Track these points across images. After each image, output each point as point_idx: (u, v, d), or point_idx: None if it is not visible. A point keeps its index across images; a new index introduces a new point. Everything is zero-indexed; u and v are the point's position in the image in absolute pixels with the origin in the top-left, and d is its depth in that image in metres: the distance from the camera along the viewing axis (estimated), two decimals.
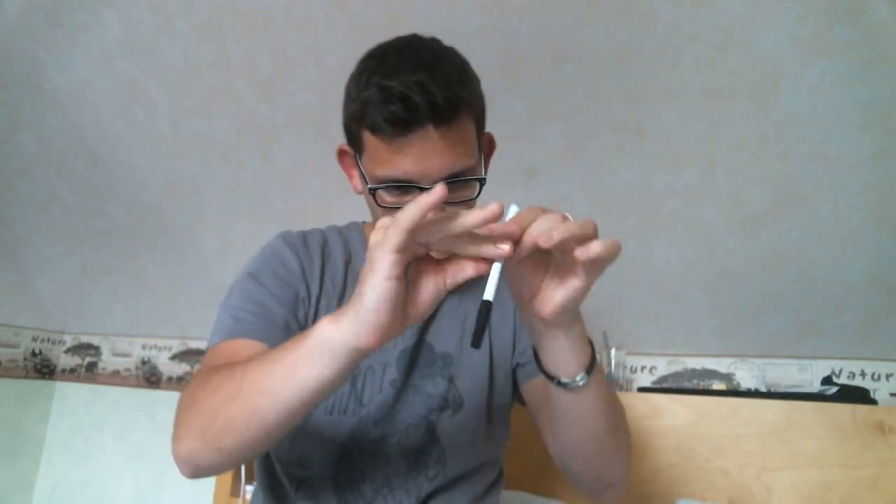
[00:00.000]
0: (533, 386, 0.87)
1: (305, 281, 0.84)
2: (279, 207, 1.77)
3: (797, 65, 1.14)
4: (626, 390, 1.53)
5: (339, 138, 0.82)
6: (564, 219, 0.56)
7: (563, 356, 0.65)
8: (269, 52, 1.45)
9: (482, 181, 0.77)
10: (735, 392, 1.44)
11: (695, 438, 1.26)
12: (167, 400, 2.26)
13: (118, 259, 2.15)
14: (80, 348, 2.52)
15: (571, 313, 0.62)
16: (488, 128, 0.82)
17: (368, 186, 0.76)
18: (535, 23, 1.23)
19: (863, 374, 1.45)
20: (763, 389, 1.51)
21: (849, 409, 1.17)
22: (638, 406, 1.30)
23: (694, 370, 1.60)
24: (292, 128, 1.57)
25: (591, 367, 0.66)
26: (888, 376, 1.43)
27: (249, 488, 1.39)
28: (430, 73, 0.71)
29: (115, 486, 2.28)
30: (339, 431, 0.81)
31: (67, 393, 2.49)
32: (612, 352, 1.49)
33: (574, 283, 0.58)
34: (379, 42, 0.79)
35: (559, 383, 0.67)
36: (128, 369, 2.38)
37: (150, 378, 2.32)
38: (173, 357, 2.30)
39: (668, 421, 1.28)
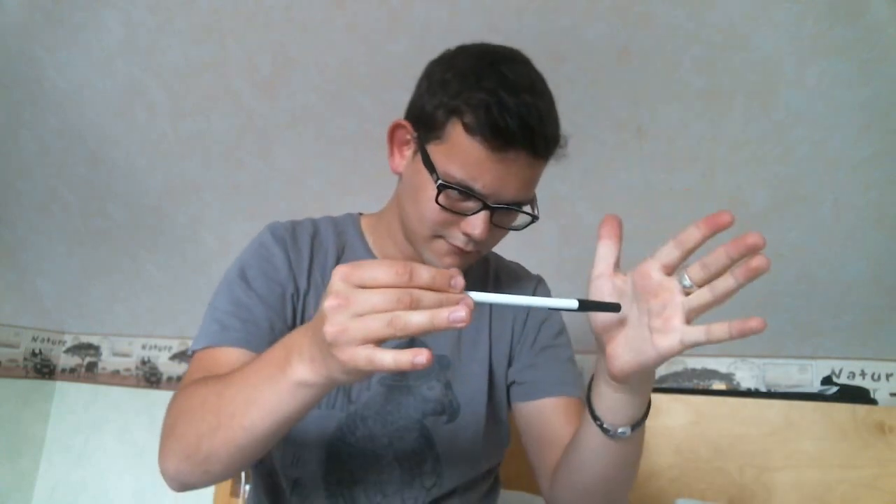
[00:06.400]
0: (529, 410, 0.86)
1: (293, 276, 0.81)
2: (279, 207, 1.77)
3: (797, 65, 1.13)
4: None
5: (339, 138, 0.82)
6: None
7: (618, 407, 0.64)
8: (269, 52, 1.44)
9: (535, 218, 0.78)
10: (735, 392, 1.44)
11: (695, 438, 1.25)
12: (167, 400, 2.26)
13: (118, 259, 2.15)
14: (80, 348, 2.52)
15: (642, 377, 0.60)
16: None
17: (439, 182, 0.73)
18: (535, 23, 1.23)
19: (863, 374, 1.45)
20: (763, 389, 1.51)
21: (849, 409, 1.17)
22: None
23: (694, 370, 1.60)
24: (292, 128, 1.57)
25: (643, 419, 0.65)
26: (888, 376, 1.43)
27: (249, 488, 1.39)
28: (544, 103, 0.73)
29: (115, 486, 2.28)
30: (327, 426, 0.80)
31: (67, 393, 2.49)
32: None
33: (649, 352, 0.56)
34: (449, 46, 0.79)
35: (601, 427, 0.65)
36: (128, 369, 2.38)
37: (150, 378, 2.32)
38: (173, 357, 2.30)
39: (668, 421, 1.27)
